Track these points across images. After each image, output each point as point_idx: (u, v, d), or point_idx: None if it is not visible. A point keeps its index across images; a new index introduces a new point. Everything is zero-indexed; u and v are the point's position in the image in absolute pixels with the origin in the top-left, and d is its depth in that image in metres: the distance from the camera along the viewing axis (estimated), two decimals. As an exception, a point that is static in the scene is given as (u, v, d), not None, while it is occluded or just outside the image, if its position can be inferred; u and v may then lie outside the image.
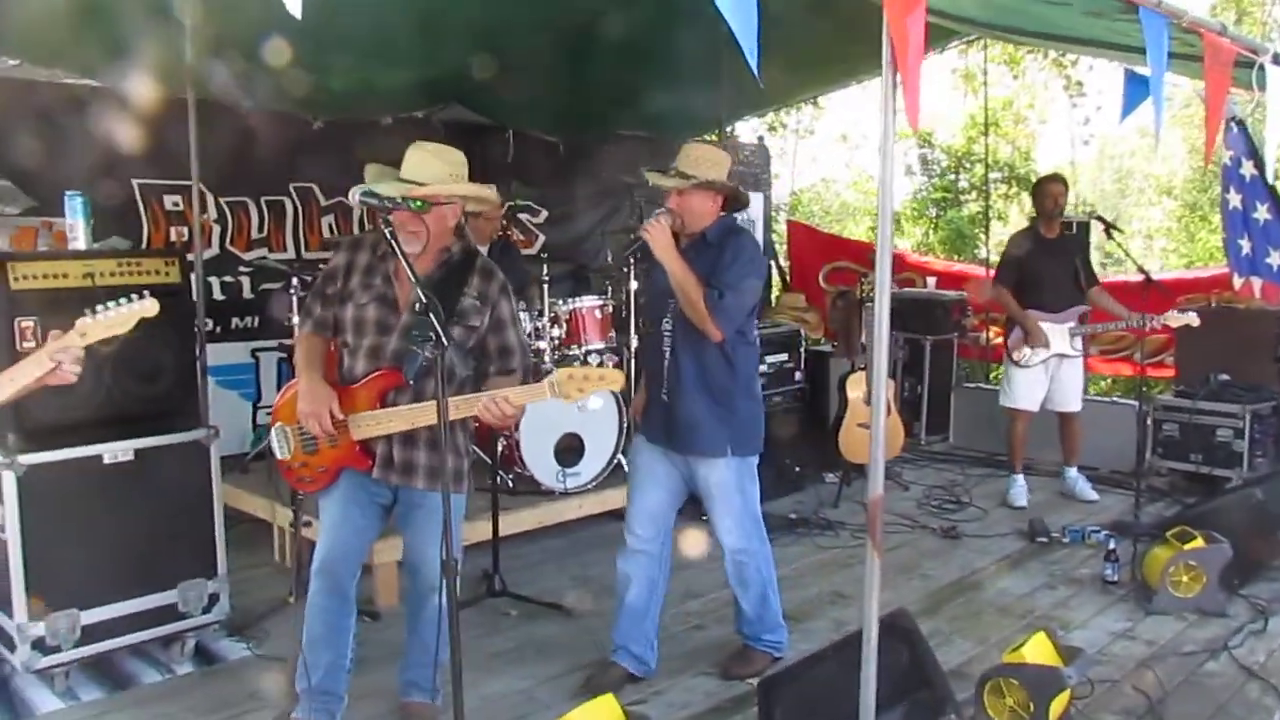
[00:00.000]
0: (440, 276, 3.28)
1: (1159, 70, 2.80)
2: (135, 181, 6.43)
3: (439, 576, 3.25)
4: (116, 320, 2.46)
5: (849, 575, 5.18)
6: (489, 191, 3.49)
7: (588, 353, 5.89)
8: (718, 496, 3.86)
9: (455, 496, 3.33)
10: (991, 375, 9.77)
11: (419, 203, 3.10)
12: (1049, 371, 6.37)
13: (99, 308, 2.44)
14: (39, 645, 3.65)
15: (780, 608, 4.17)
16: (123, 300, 2.49)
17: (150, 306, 2.49)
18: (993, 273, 6.99)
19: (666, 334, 3.80)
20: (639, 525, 3.96)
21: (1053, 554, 5.57)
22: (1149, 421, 6.71)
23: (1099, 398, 8.23)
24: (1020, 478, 6.58)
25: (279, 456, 3.37)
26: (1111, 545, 5.11)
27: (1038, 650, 3.53)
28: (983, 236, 14.65)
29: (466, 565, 3.63)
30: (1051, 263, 6.34)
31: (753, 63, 1.97)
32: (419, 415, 3.15)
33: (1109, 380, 10.05)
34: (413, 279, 2.84)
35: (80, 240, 4.05)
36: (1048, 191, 6.37)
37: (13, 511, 3.57)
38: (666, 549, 4.03)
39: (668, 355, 3.79)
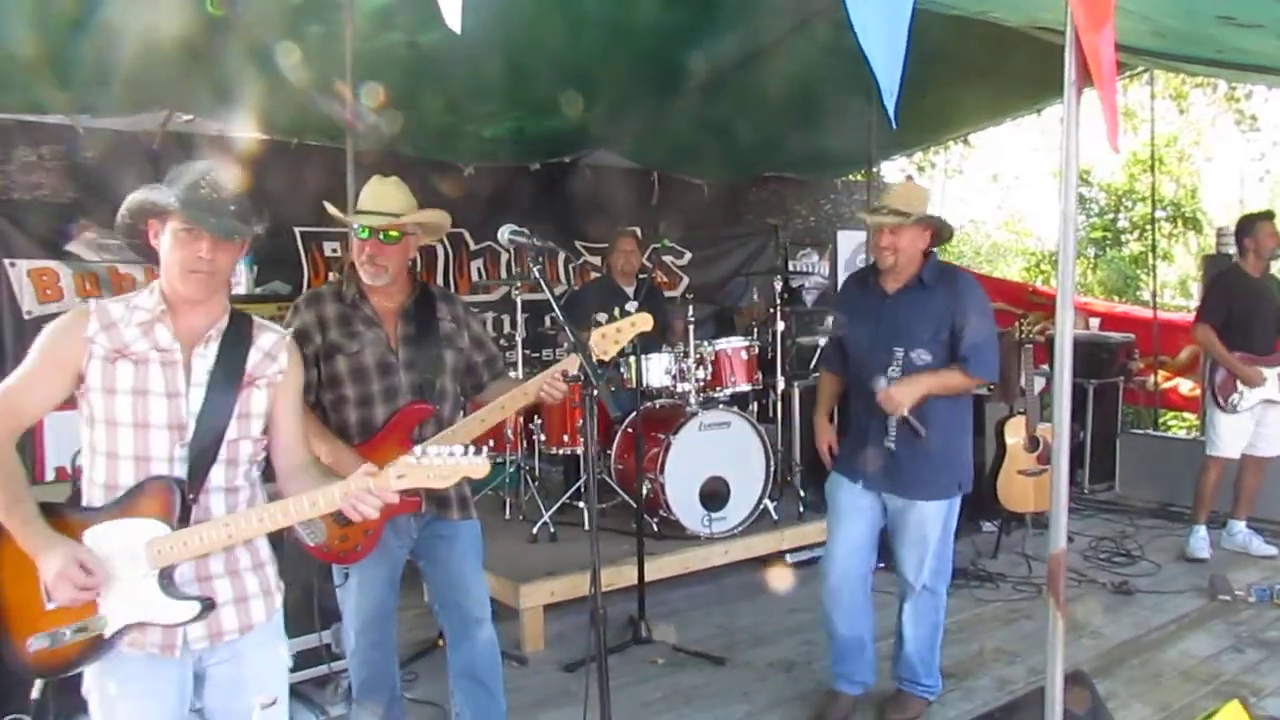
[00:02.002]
0: (415, 309, 3.27)
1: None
2: (297, 230, 6.70)
3: (486, 608, 3.28)
4: (444, 472, 2.14)
5: (1013, 631, 4.89)
6: (445, 217, 3.38)
7: (734, 395, 5.79)
8: (923, 535, 3.77)
9: (472, 523, 3.33)
10: (1159, 421, 9.23)
11: (395, 234, 3.11)
12: (1254, 416, 5.98)
13: (422, 452, 2.15)
14: (198, 683, 3.72)
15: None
16: (454, 451, 2.15)
17: (481, 467, 2.15)
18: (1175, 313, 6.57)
19: (894, 381, 3.64)
20: (841, 560, 3.91)
21: (1238, 614, 5.14)
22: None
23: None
24: (1203, 529, 6.13)
25: (312, 544, 3.10)
26: (1307, 606, 4.69)
27: (1232, 722, 3.22)
28: (1144, 278, 14.00)
29: (612, 609, 3.55)
30: (1260, 304, 5.96)
31: (890, 106, 1.90)
32: (461, 433, 3.09)
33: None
34: (550, 294, 2.86)
35: (242, 285, 4.21)
36: (1268, 230, 5.98)
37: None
38: (868, 582, 3.98)
39: None
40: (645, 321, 3.11)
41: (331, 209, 3.30)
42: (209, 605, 2.21)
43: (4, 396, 2.21)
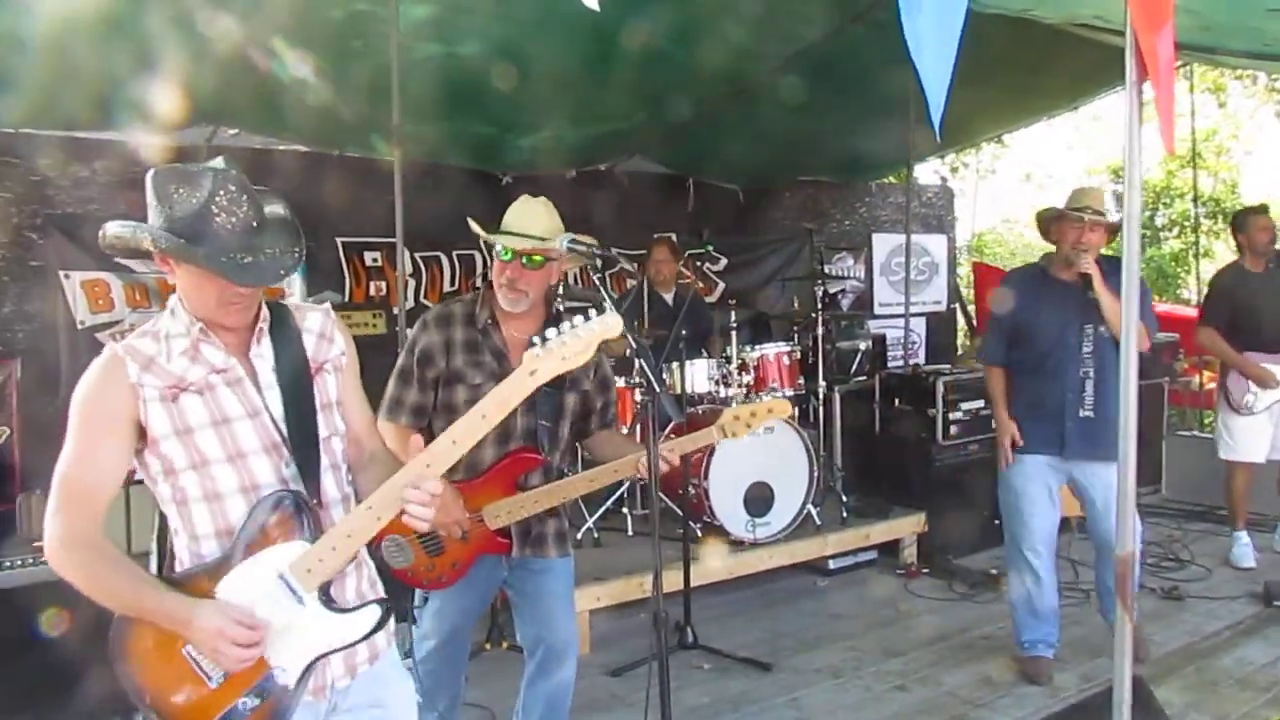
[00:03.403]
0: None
1: None
2: (339, 240, 6.77)
3: (572, 646, 3.19)
4: (579, 346, 1.93)
5: (1061, 637, 4.82)
6: (591, 241, 3.09)
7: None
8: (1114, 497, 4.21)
9: (568, 559, 3.23)
10: (1205, 422, 9.10)
11: (539, 258, 2.94)
12: (1273, 418, 5.85)
13: (548, 335, 1.94)
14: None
15: None
16: (576, 321, 1.96)
17: (615, 323, 1.95)
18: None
19: (1087, 356, 4.21)
20: (1043, 544, 4.38)
21: (1294, 619, 5.06)
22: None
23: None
24: (1244, 535, 6.02)
25: (396, 567, 3.03)
26: (1366, 611, 4.60)
27: (1295, 728, 3.17)
28: (1184, 276, 13.83)
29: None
30: (1267, 299, 5.85)
31: (936, 118, 1.90)
32: (567, 489, 3.01)
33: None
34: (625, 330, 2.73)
35: (296, 295, 4.27)
36: (1259, 224, 5.88)
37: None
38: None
39: (1090, 375, 4.21)
40: (784, 410, 3.16)
41: (475, 227, 3.10)
42: (388, 605, 1.99)
43: (65, 485, 1.90)
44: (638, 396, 3.82)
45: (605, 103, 6.36)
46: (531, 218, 3.00)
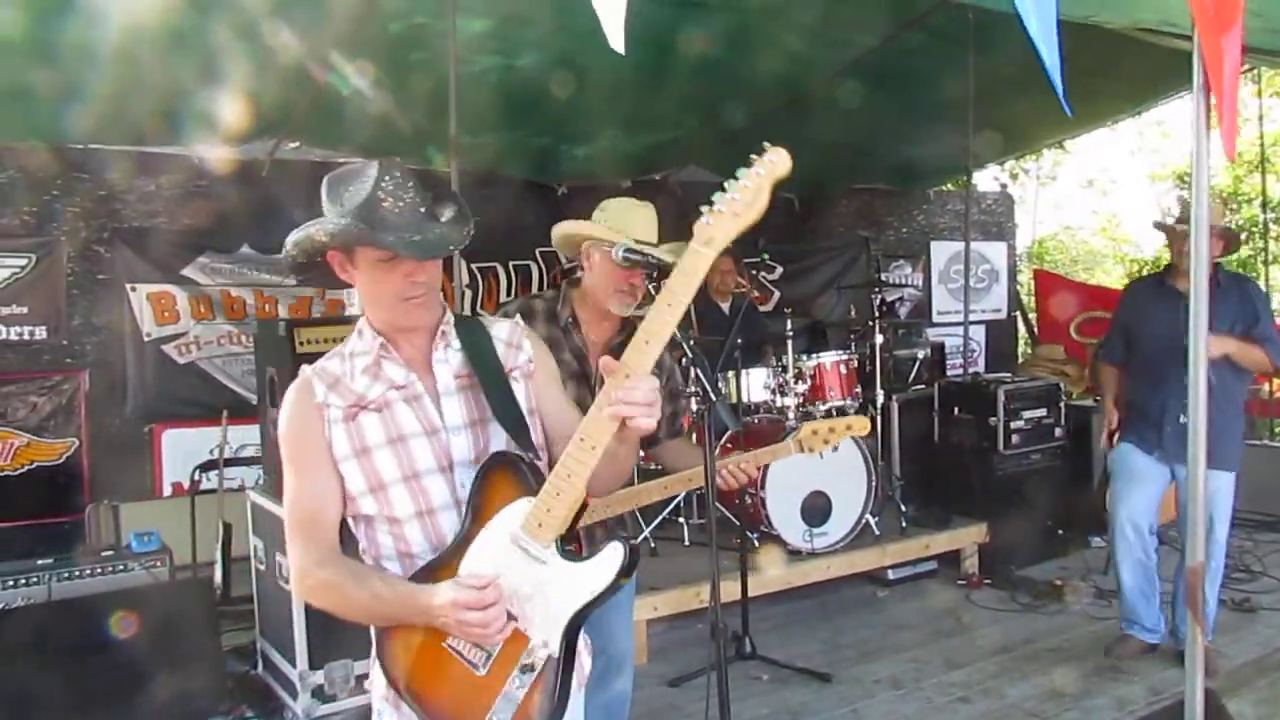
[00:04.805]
0: (619, 349, 3.08)
1: None
2: (396, 250, 6.85)
3: (629, 659, 3.16)
4: (748, 198, 1.72)
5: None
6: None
7: (832, 409, 5.73)
8: (1217, 504, 4.29)
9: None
10: (1275, 431, 8.87)
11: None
12: None
13: (714, 200, 1.74)
14: (318, 693, 3.83)
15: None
16: (738, 174, 1.74)
17: (782, 160, 1.70)
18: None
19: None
20: (1132, 519, 4.51)
21: (1372, 633, 4.90)
22: None
23: None
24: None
25: None
26: None
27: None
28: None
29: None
30: None
31: (1058, 83, 1.90)
32: (642, 494, 2.99)
33: None
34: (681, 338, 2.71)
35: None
36: None
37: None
38: (1153, 541, 4.58)
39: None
40: (863, 427, 3.11)
41: (599, 231, 2.95)
42: (627, 539, 1.86)
43: (291, 516, 1.93)
44: (694, 406, 3.79)
45: (659, 111, 6.37)
46: (651, 225, 3.00)
